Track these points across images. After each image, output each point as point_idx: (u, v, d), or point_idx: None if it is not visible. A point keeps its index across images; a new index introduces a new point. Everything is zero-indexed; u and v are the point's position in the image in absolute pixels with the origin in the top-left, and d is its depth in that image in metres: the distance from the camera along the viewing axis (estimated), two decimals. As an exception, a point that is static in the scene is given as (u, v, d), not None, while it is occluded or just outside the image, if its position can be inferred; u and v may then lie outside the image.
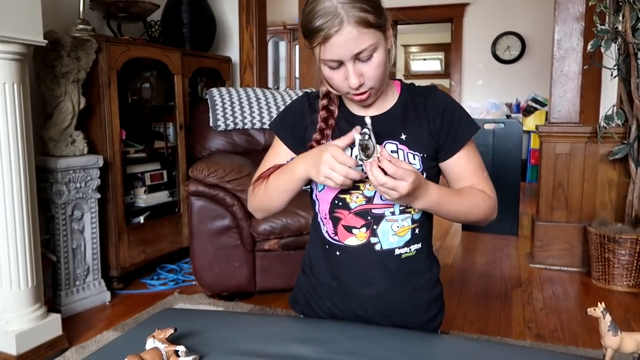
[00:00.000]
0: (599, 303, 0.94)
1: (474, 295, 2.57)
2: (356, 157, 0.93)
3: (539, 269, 3.00)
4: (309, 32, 0.95)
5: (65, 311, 2.20)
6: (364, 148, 0.91)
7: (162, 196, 2.88)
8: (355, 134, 0.92)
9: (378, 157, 0.91)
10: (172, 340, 0.90)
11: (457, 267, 3.03)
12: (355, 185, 1.01)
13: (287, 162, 1.09)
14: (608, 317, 0.93)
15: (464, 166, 1.08)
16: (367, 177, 0.93)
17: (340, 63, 0.96)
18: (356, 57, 0.95)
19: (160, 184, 2.90)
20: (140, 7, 2.82)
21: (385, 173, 0.91)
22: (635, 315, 2.32)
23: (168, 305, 2.35)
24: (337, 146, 0.95)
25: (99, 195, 2.38)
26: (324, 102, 1.09)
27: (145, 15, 2.98)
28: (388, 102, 1.09)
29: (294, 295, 1.22)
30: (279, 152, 1.16)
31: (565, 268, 2.98)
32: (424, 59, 9.82)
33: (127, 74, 2.72)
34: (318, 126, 1.07)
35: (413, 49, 9.73)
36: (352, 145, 0.96)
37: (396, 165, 0.90)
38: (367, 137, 0.91)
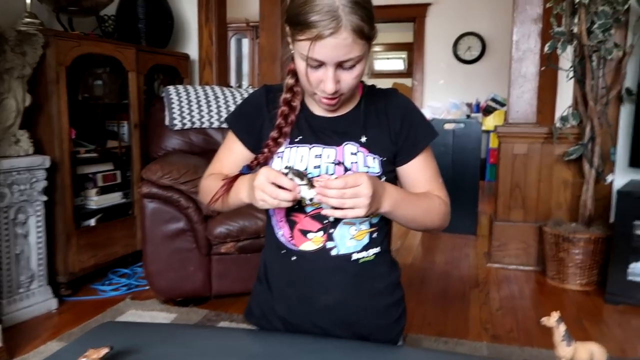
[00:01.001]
0: (552, 312, 0.93)
1: (432, 296, 2.58)
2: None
3: (496, 268, 3.04)
4: (299, 23, 0.89)
5: (7, 320, 2.08)
6: (298, 175, 0.89)
7: (115, 198, 2.77)
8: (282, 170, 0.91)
9: (316, 184, 0.89)
10: (109, 359, 0.84)
11: (417, 268, 3.04)
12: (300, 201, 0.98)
13: (242, 169, 1.04)
14: (562, 327, 0.91)
15: (420, 172, 1.07)
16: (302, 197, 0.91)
17: (321, 64, 0.91)
18: (340, 64, 0.91)
19: (114, 185, 2.79)
20: (92, 0, 2.70)
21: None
22: (587, 313, 2.37)
23: (119, 312, 2.25)
24: (270, 168, 0.92)
25: (45, 198, 2.26)
26: (287, 96, 1.05)
27: (98, 9, 2.86)
28: (350, 103, 1.06)
29: (249, 306, 1.17)
30: (232, 147, 1.11)
31: (522, 267, 3.03)
32: (388, 58, 9.87)
33: (78, 71, 2.60)
34: (277, 122, 1.03)
35: (377, 48, 9.71)
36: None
37: (343, 186, 0.87)
38: (291, 170, 0.90)
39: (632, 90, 2.73)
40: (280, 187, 0.89)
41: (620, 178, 2.82)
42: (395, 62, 9.80)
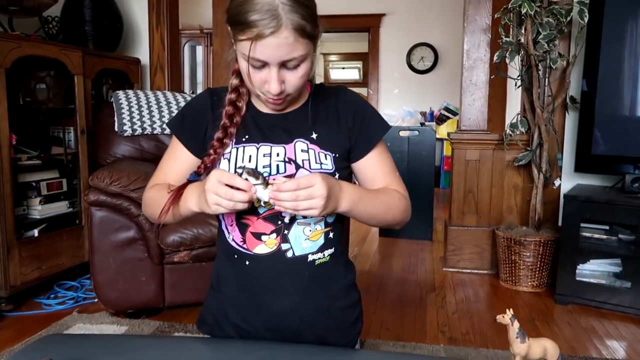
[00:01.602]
0: (507, 310, 0.93)
1: (390, 301, 2.58)
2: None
3: (452, 272, 3.08)
4: (240, 23, 0.87)
5: (-60, 339, 1.94)
6: (253, 175, 0.87)
7: (60, 207, 2.65)
8: (237, 170, 0.88)
9: (272, 183, 0.87)
10: (47, 374, 0.78)
11: (374, 274, 3.04)
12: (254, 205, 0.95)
13: (189, 177, 1.00)
14: (516, 324, 0.92)
15: (377, 166, 1.06)
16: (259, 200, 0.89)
17: (264, 64, 0.89)
18: (283, 64, 0.89)
19: (59, 193, 2.66)
20: (34, 0, 2.59)
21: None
22: (539, 314, 2.43)
23: (65, 326, 2.14)
24: (222, 170, 0.89)
25: (-17, 207, 2.13)
26: (232, 96, 1.02)
27: (40, 9, 2.74)
28: (298, 101, 1.05)
29: (201, 315, 1.13)
30: (176, 154, 1.07)
31: (476, 271, 3.08)
32: (343, 68, 9.97)
33: (19, 73, 2.47)
34: (222, 123, 1.00)
35: (332, 57, 9.85)
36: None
37: (296, 188, 0.85)
38: (245, 169, 0.88)
39: (576, 99, 2.84)
40: (234, 188, 0.86)
41: (566, 182, 2.92)
42: (351, 72, 9.91)
